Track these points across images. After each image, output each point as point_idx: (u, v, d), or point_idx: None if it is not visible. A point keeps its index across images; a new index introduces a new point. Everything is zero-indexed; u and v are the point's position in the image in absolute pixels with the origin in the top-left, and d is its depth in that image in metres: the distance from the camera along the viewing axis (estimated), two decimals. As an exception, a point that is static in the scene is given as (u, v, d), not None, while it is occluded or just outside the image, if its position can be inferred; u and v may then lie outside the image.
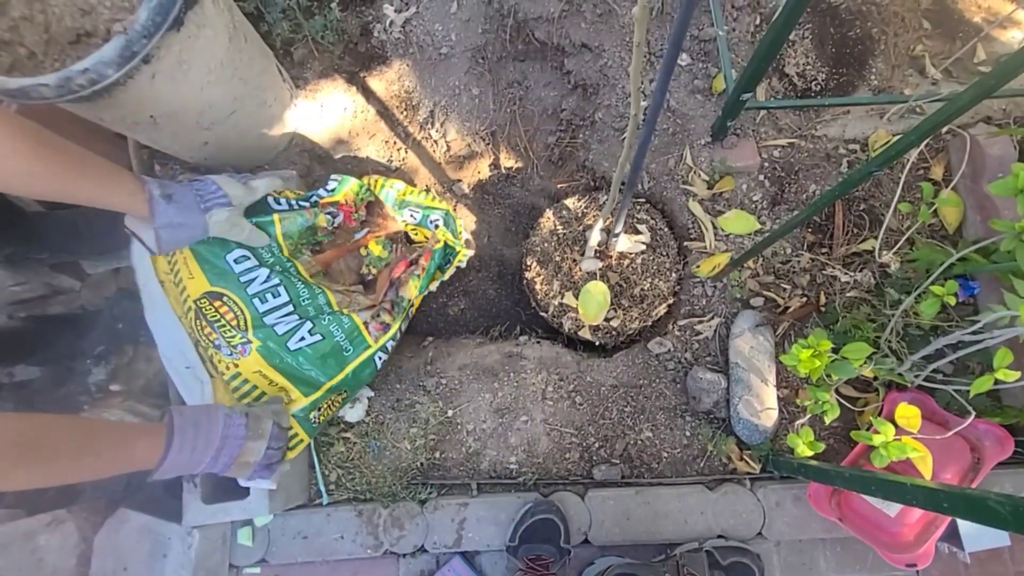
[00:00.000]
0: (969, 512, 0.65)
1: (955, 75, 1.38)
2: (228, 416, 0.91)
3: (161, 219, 0.92)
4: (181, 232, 0.95)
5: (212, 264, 1.05)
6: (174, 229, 0.94)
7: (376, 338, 1.14)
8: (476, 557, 1.27)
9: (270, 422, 0.94)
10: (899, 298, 1.22)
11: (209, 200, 0.98)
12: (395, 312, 1.19)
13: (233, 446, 0.90)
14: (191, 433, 0.86)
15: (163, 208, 0.92)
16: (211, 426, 0.89)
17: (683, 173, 1.38)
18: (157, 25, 0.90)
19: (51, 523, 1.16)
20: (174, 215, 0.93)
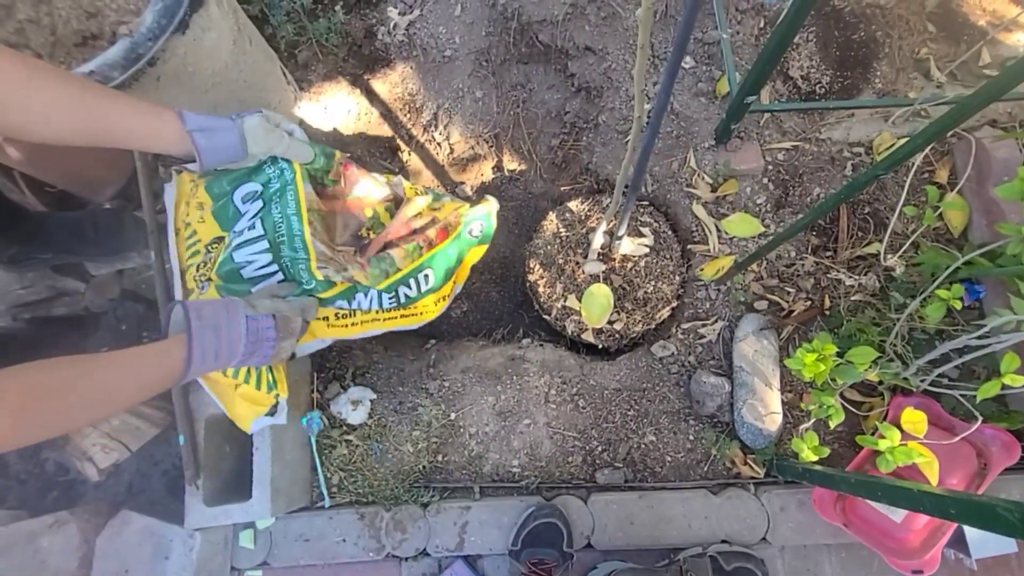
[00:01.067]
0: (978, 519, 0.65)
1: (960, 78, 1.38)
2: (253, 319, 0.85)
3: (193, 123, 0.85)
4: (216, 137, 0.87)
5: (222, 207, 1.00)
6: (208, 133, 0.86)
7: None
8: (478, 561, 1.26)
9: (299, 320, 0.91)
10: (904, 302, 1.21)
11: (240, 113, 0.94)
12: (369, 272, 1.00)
13: (266, 348, 0.87)
14: (211, 338, 0.80)
15: (192, 115, 0.86)
16: (232, 330, 0.83)
17: (687, 176, 1.38)
18: (162, 28, 0.91)
19: (53, 524, 1.16)
20: (204, 121, 0.87)
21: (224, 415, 1.18)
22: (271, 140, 0.93)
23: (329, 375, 1.34)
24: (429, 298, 1.10)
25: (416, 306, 1.10)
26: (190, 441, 1.13)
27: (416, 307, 1.10)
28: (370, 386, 1.32)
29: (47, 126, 0.75)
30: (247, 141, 0.90)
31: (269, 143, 0.93)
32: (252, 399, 1.02)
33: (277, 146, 0.94)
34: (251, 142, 0.91)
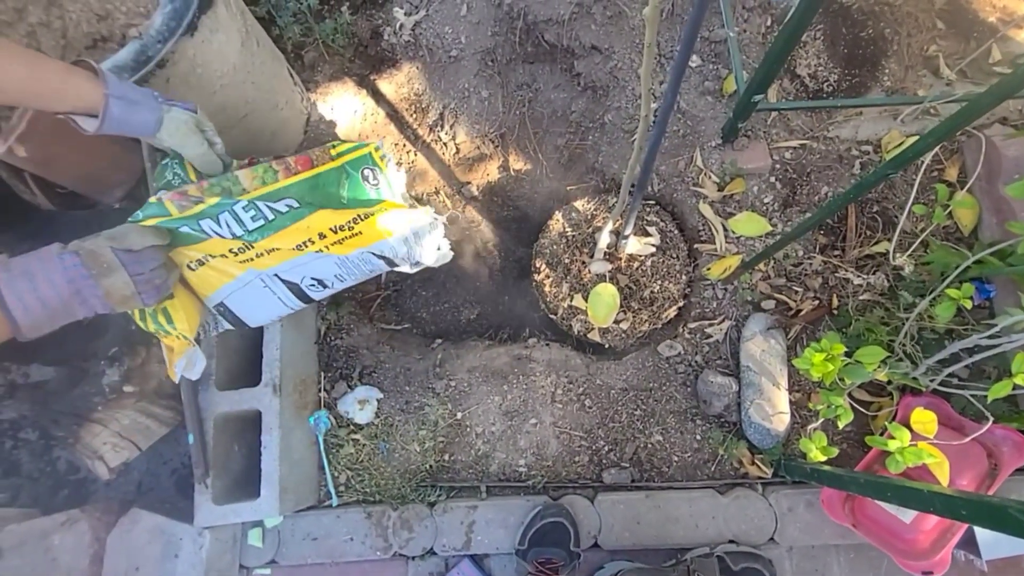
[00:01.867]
0: (989, 520, 0.64)
1: (970, 76, 1.36)
2: (60, 257, 0.80)
3: (115, 89, 0.81)
4: (134, 112, 0.84)
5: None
6: (128, 105, 0.83)
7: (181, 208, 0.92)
8: (485, 560, 1.26)
9: (108, 250, 0.83)
10: (913, 301, 1.20)
11: (170, 100, 0.89)
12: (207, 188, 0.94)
13: (87, 288, 0.81)
14: (25, 286, 0.77)
15: (116, 81, 0.82)
16: (49, 272, 0.79)
17: (693, 175, 1.38)
18: (171, 30, 0.92)
19: (65, 522, 1.18)
20: (129, 90, 0.83)
21: (234, 414, 1.19)
22: (188, 142, 0.91)
23: (336, 375, 1.35)
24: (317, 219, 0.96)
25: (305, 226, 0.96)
26: (199, 440, 1.14)
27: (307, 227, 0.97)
28: (377, 385, 1.33)
29: None
30: (163, 128, 0.87)
31: (185, 143, 0.91)
32: (173, 347, 1.01)
33: (191, 151, 0.92)
34: (166, 131, 0.88)
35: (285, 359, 1.19)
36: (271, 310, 1.09)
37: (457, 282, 1.49)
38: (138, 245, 0.87)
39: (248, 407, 1.16)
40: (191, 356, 1.02)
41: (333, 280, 1.08)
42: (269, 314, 1.11)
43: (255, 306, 1.07)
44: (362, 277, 1.10)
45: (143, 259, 0.87)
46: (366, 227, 1.00)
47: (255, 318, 1.11)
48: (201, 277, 0.99)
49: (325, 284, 1.07)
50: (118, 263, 0.84)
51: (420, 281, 1.50)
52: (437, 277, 1.49)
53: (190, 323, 0.98)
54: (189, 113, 0.90)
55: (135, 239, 0.87)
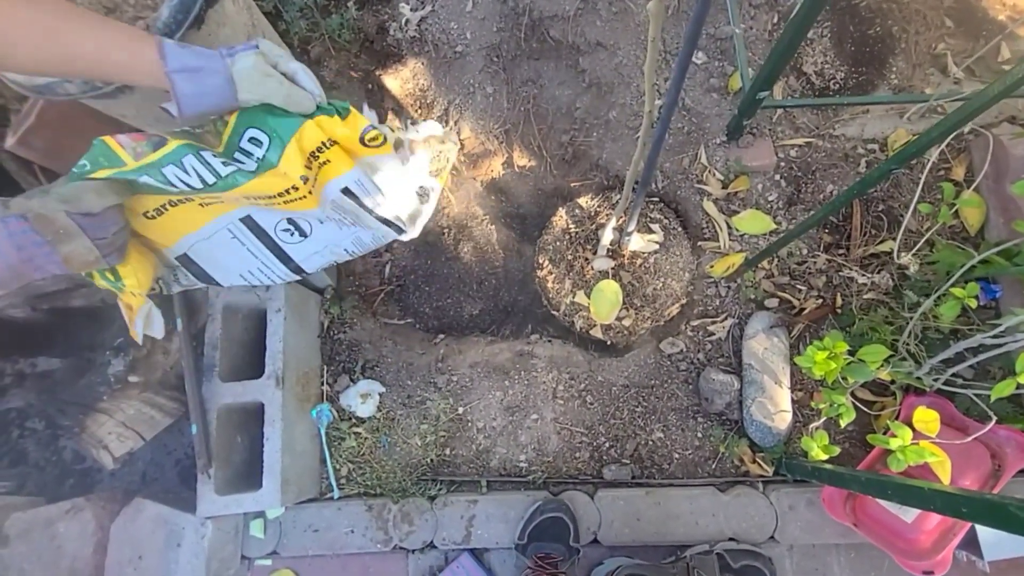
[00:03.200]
0: (990, 518, 0.64)
1: (978, 74, 1.35)
2: (2, 221, 0.73)
3: (174, 62, 0.73)
4: (202, 81, 0.75)
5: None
6: (192, 76, 0.74)
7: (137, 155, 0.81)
8: (485, 554, 1.27)
9: (62, 215, 0.75)
10: (918, 300, 1.20)
11: (232, 48, 0.78)
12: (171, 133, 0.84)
13: (42, 255, 0.74)
14: None
15: (175, 50, 0.73)
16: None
17: (697, 172, 1.37)
18: (179, 23, 0.92)
19: (70, 511, 1.19)
20: (190, 58, 0.74)
21: (237, 406, 1.20)
22: (267, 87, 0.79)
23: (339, 368, 1.36)
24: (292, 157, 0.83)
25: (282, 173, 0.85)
26: (202, 431, 1.15)
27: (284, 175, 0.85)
28: (379, 380, 1.34)
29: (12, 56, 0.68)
30: (236, 86, 0.77)
31: (265, 90, 0.79)
32: (131, 305, 0.94)
33: (274, 94, 0.80)
34: (242, 88, 0.77)
35: (288, 352, 1.20)
36: (240, 264, 1.01)
37: (460, 278, 1.50)
38: (97, 207, 0.78)
39: (251, 399, 1.17)
40: (147, 313, 0.94)
41: (309, 225, 0.98)
42: (239, 268, 1.02)
43: (222, 259, 0.99)
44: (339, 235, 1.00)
45: (104, 222, 0.79)
46: (334, 153, 0.88)
47: (224, 274, 1.03)
48: (161, 226, 0.91)
49: (302, 230, 0.98)
50: (76, 228, 0.76)
51: (423, 276, 1.50)
52: (440, 272, 1.50)
53: (140, 279, 0.90)
54: (252, 53, 0.78)
55: (92, 200, 0.78)
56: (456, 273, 1.50)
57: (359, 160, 0.94)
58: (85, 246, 0.77)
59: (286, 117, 0.83)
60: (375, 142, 0.92)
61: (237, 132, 0.82)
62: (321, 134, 0.85)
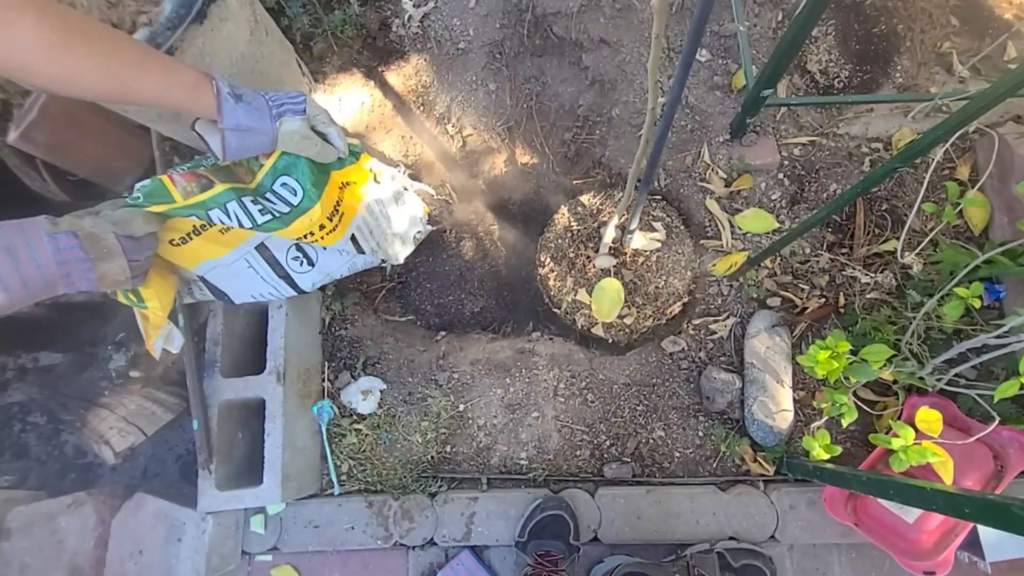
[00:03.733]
0: (992, 518, 0.64)
1: (983, 73, 1.35)
2: (52, 236, 0.76)
3: (229, 120, 0.81)
4: (249, 139, 0.84)
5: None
6: (242, 134, 0.83)
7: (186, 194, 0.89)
8: (485, 551, 1.27)
9: (111, 235, 0.80)
10: (921, 300, 1.19)
11: (281, 106, 0.87)
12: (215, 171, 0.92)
13: (80, 271, 0.78)
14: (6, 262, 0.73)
15: (231, 108, 0.81)
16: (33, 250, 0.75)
17: (700, 170, 1.37)
18: (181, 18, 0.92)
19: (71, 505, 1.19)
20: (243, 117, 0.82)
21: (238, 401, 1.20)
22: (303, 147, 0.90)
23: (340, 365, 1.36)
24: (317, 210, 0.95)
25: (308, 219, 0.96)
26: (203, 426, 1.15)
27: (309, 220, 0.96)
28: (380, 376, 1.34)
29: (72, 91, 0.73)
30: (279, 143, 0.88)
31: (300, 148, 0.90)
32: (149, 319, 0.99)
33: (307, 152, 0.91)
34: (281, 145, 0.88)
35: (289, 348, 1.20)
36: (252, 287, 1.09)
37: (461, 275, 1.50)
38: (140, 232, 0.85)
39: (252, 395, 1.17)
40: (167, 334, 1.01)
41: (315, 253, 1.10)
42: (250, 290, 1.10)
43: (237, 282, 1.07)
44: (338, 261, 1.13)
45: (143, 246, 0.86)
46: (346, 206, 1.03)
47: (237, 294, 1.11)
48: (184, 253, 0.97)
49: (309, 258, 1.09)
50: (120, 249, 0.81)
51: (425, 273, 1.50)
52: (442, 270, 1.50)
53: (162, 302, 0.96)
54: (300, 119, 0.88)
55: (140, 225, 0.85)
56: (458, 270, 1.50)
57: (364, 202, 1.07)
58: (121, 266, 0.82)
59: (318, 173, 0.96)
60: (379, 178, 1.09)
61: (271, 176, 0.92)
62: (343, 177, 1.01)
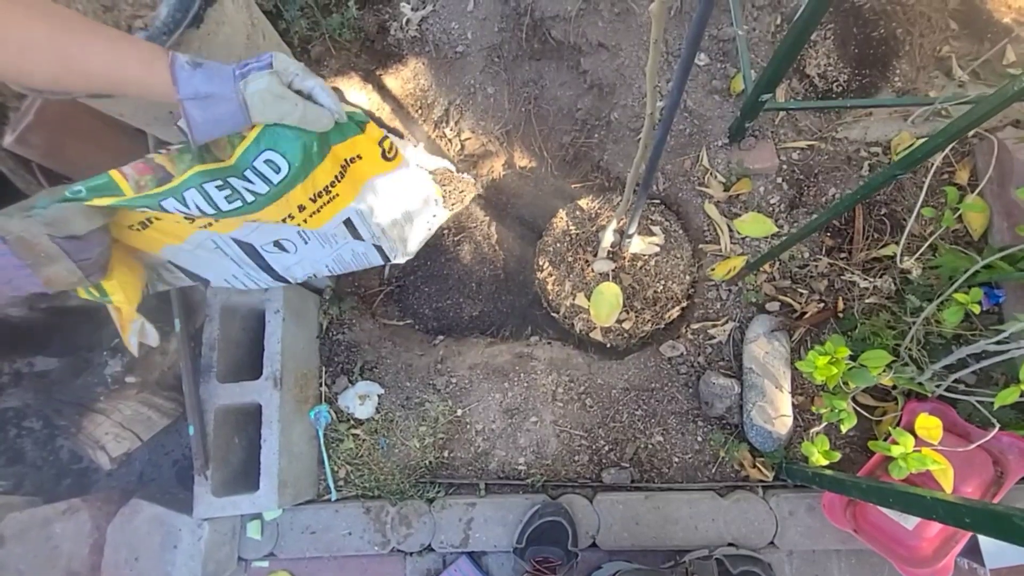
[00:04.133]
0: (993, 529, 0.63)
1: (983, 77, 1.34)
2: None
3: (186, 89, 0.71)
4: (213, 107, 0.73)
5: None
6: (204, 103, 0.72)
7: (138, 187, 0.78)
8: (483, 557, 1.26)
9: (44, 238, 0.72)
10: (920, 305, 1.19)
11: (245, 67, 0.75)
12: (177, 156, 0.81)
13: (21, 276, 0.73)
14: None
15: (188, 75, 0.71)
16: None
17: (699, 175, 1.36)
18: (177, 22, 0.91)
19: (67, 511, 1.18)
20: (201, 83, 0.72)
21: (234, 407, 1.19)
22: (280, 109, 0.76)
23: (337, 369, 1.35)
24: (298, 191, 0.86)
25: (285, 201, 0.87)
26: (200, 432, 1.14)
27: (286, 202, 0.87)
28: (378, 381, 1.33)
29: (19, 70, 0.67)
30: (251, 109, 0.75)
31: (278, 112, 0.76)
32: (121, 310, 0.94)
33: (288, 115, 0.77)
34: (255, 112, 0.75)
35: (286, 353, 1.19)
36: (224, 270, 1.03)
37: (459, 279, 1.49)
38: (83, 229, 0.75)
39: (249, 400, 1.17)
40: (139, 328, 0.95)
41: (295, 245, 1.00)
42: (223, 274, 1.04)
43: (207, 266, 1.01)
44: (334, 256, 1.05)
45: (89, 244, 0.77)
46: (344, 187, 0.91)
47: (213, 276, 1.05)
48: (145, 238, 0.91)
49: (285, 248, 1.00)
50: (59, 251, 0.73)
51: (423, 277, 1.50)
52: (440, 273, 1.49)
53: (128, 294, 0.89)
54: (266, 74, 0.74)
55: (79, 223, 0.75)
56: (456, 274, 1.50)
57: (368, 182, 0.96)
58: (68, 268, 0.75)
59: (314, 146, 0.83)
60: (391, 153, 0.93)
61: (253, 151, 0.79)
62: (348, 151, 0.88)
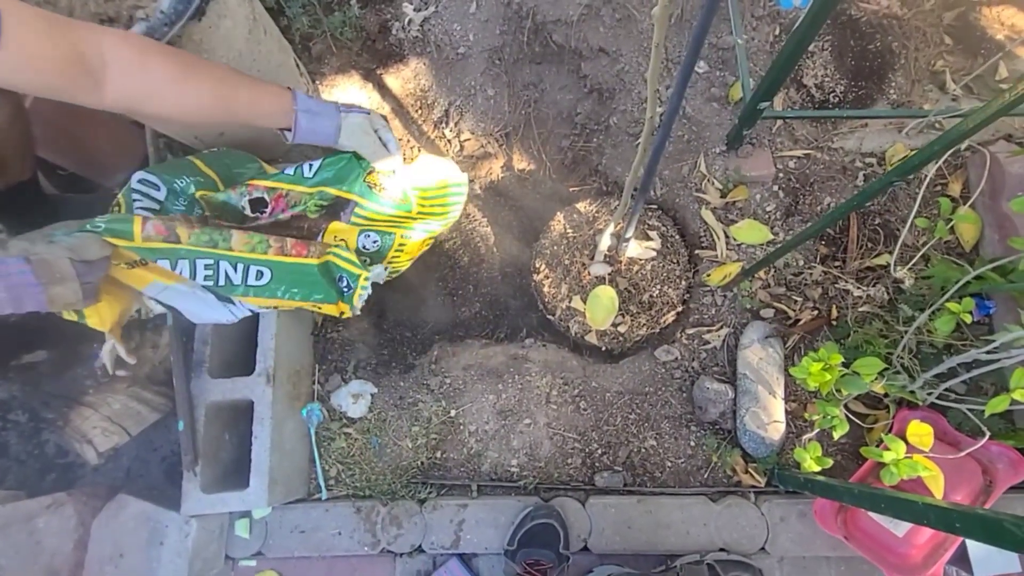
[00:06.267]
0: (983, 533, 0.63)
1: (976, 92, 1.37)
2: (2, 262, 0.79)
3: (302, 104, 0.95)
4: (318, 121, 0.97)
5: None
6: (312, 116, 0.96)
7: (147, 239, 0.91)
8: (473, 559, 1.25)
9: (66, 262, 0.82)
10: (913, 315, 1.20)
11: (349, 107, 1.02)
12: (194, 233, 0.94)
13: (30, 294, 0.80)
14: None
15: (304, 98, 0.96)
16: None
17: (696, 181, 1.37)
18: (179, 13, 0.91)
19: (51, 505, 1.16)
20: (314, 104, 0.97)
21: (226, 403, 1.18)
22: (364, 141, 1.01)
23: (331, 367, 1.34)
24: (260, 300, 1.03)
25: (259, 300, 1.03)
26: (190, 427, 1.13)
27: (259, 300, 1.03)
28: (371, 380, 1.32)
29: (188, 118, 0.88)
30: (342, 134, 0.99)
31: (361, 143, 1.01)
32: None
33: (366, 149, 1.02)
34: (345, 136, 0.99)
35: (280, 349, 1.19)
36: (203, 312, 1.09)
37: (455, 279, 1.49)
38: (95, 255, 0.86)
39: (240, 396, 1.16)
40: (110, 350, 1.03)
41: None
42: (202, 313, 1.10)
43: (187, 305, 1.07)
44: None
45: (96, 268, 0.87)
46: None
47: (191, 314, 1.10)
48: (134, 275, 0.98)
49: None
50: (73, 273, 0.82)
51: (418, 277, 1.49)
52: (437, 273, 1.49)
53: (103, 317, 0.97)
54: (363, 115, 1.01)
55: (95, 250, 0.86)
56: (452, 275, 1.49)
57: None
58: (73, 289, 0.83)
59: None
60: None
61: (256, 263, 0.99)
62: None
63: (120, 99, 0.80)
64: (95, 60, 0.76)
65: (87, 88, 0.77)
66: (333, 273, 1.05)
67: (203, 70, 0.87)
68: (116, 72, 0.78)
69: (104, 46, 0.77)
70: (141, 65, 0.80)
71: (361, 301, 1.06)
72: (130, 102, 0.82)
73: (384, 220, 1.11)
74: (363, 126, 1.00)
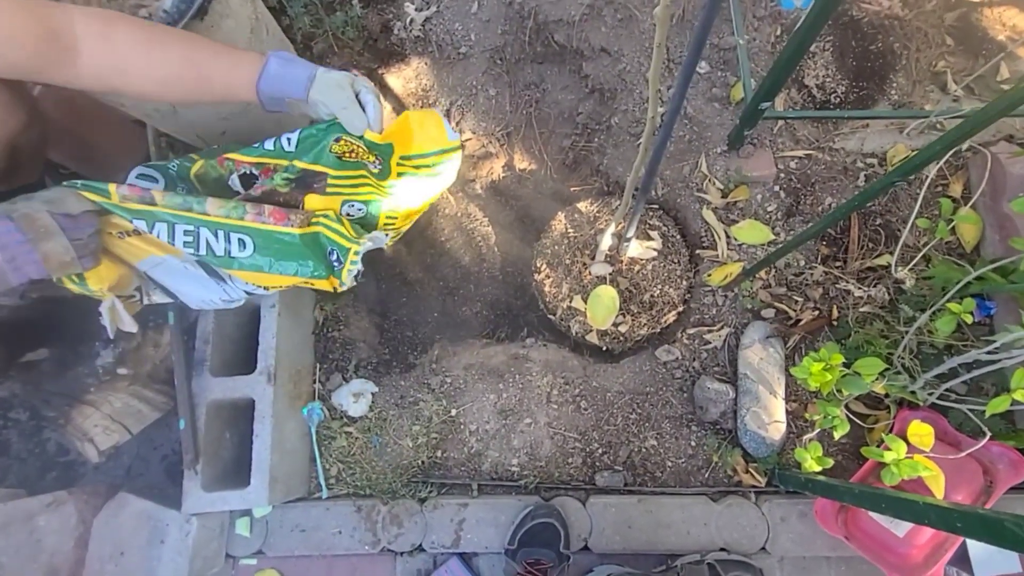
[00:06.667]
0: (984, 533, 0.63)
1: (977, 92, 1.37)
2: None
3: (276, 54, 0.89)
4: (290, 67, 0.89)
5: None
6: (283, 62, 0.89)
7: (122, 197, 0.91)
8: (474, 559, 1.25)
9: (45, 214, 0.82)
10: (914, 315, 1.20)
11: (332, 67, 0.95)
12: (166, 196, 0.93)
13: (23, 254, 0.80)
14: None
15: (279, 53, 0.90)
16: None
17: (698, 181, 1.37)
18: (181, 12, 0.91)
19: (51, 504, 1.16)
20: (289, 56, 0.90)
21: (227, 401, 1.18)
22: (335, 96, 0.90)
23: (332, 366, 1.34)
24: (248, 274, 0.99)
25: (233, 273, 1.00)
26: (190, 426, 1.13)
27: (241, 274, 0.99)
28: (372, 379, 1.32)
29: (163, 91, 0.85)
30: (313, 86, 0.89)
31: (332, 98, 0.90)
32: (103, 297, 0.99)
33: (336, 104, 0.91)
34: (315, 88, 0.90)
35: (281, 348, 1.19)
36: (197, 292, 1.06)
37: (456, 278, 1.49)
38: (76, 209, 0.86)
39: (241, 395, 1.16)
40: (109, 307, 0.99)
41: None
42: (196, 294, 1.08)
43: (180, 283, 1.05)
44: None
45: (81, 224, 0.87)
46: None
47: (186, 296, 1.08)
48: (127, 247, 0.97)
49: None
50: (56, 227, 0.82)
51: (419, 276, 1.49)
52: (437, 273, 1.49)
53: (101, 276, 0.95)
54: (344, 73, 0.92)
55: (73, 203, 0.86)
56: (452, 274, 1.50)
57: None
58: (63, 245, 0.83)
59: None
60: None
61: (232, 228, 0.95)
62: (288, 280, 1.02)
63: (94, 73, 0.80)
64: (68, 37, 0.77)
65: (63, 64, 0.78)
66: (324, 246, 1.00)
67: (171, 36, 0.85)
68: (87, 45, 0.78)
69: (75, 22, 0.78)
70: (108, 35, 0.80)
71: (350, 276, 1.00)
72: (103, 76, 0.81)
73: (361, 187, 1.06)
74: (339, 81, 0.91)
